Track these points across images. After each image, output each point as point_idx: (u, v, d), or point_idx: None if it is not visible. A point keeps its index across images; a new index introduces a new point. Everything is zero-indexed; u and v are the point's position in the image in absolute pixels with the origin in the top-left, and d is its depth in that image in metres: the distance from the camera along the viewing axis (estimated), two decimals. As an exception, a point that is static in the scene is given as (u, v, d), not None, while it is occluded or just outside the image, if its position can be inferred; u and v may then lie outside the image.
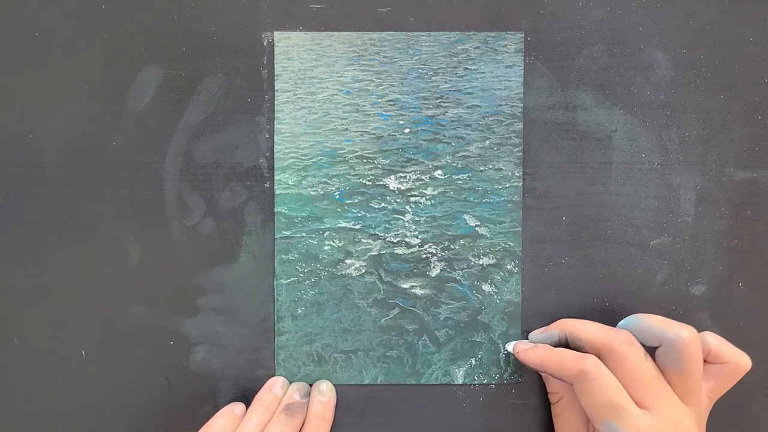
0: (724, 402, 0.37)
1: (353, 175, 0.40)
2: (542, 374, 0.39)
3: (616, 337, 0.35)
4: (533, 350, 0.37)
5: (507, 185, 0.40)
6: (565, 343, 0.37)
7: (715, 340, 0.36)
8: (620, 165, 0.40)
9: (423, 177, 0.40)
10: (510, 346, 0.39)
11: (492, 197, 0.40)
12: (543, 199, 0.40)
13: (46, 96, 0.40)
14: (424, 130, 0.40)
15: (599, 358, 0.35)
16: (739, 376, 0.36)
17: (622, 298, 0.38)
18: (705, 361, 0.36)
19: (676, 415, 0.33)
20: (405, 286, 0.40)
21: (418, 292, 0.40)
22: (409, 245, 0.40)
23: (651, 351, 0.35)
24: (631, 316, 0.37)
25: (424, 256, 0.40)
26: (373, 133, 0.40)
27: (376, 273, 0.40)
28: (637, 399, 0.34)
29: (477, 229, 0.40)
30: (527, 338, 0.39)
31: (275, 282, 0.40)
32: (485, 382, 0.40)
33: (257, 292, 0.40)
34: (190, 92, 0.40)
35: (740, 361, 0.36)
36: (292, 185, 0.40)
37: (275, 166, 0.40)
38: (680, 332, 0.34)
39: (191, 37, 0.40)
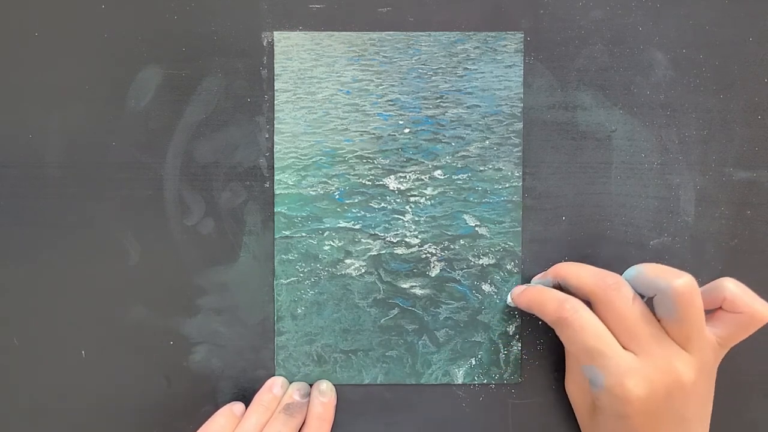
0: (724, 402, 0.37)
1: (353, 175, 0.40)
2: None
3: (603, 282, 0.34)
4: (524, 293, 0.37)
5: (507, 185, 0.40)
6: (560, 288, 0.37)
7: (733, 288, 0.34)
8: (620, 165, 0.40)
9: (423, 177, 0.40)
10: (509, 299, 0.39)
11: (492, 197, 0.40)
12: (543, 199, 0.40)
13: (46, 96, 0.40)
14: (423, 130, 0.40)
15: (589, 302, 0.35)
16: (754, 328, 0.34)
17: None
18: (720, 308, 0.34)
19: (665, 358, 0.33)
20: (405, 286, 0.40)
21: (418, 292, 0.40)
22: (408, 245, 0.40)
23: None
24: (632, 266, 0.35)
25: (424, 256, 0.40)
26: (373, 133, 0.40)
27: (376, 273, 0.40)
28: (623, 342, 0.33)
29: (477, 229, 0.40)
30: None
31: (275, 282, 0.40)
32: (485, 382, 0.40)
33: (257, 292, 0.40)
34: (190, 92, 0.40)
35: (756, 312, 0.33)
36: (292, 185, 0.40)
37: (275, 166, 0.40)
38: (672, 282, 0.33)
39: (191, 37, 0.40)
